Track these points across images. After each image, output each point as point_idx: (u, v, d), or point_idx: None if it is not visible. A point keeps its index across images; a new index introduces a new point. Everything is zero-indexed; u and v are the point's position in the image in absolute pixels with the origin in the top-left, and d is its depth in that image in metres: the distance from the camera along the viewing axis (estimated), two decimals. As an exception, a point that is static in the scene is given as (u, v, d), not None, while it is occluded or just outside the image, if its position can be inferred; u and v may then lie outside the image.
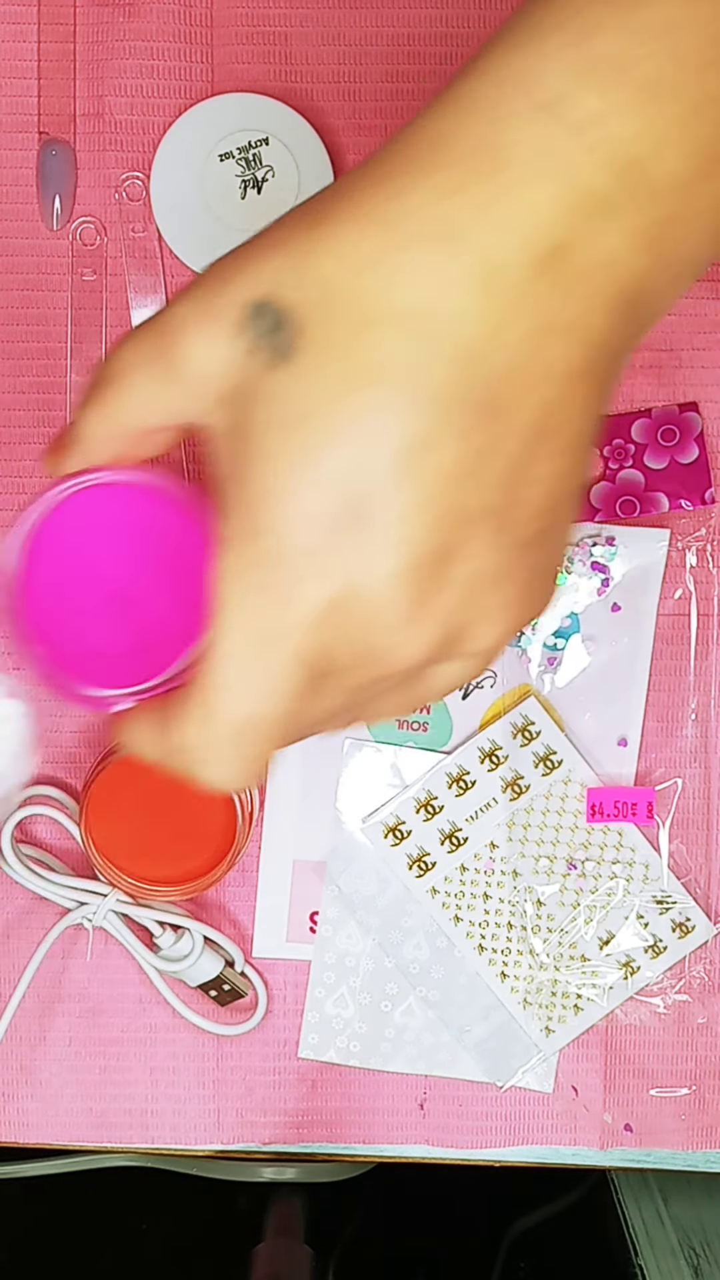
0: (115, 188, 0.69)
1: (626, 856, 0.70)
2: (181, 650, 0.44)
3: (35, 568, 0.44)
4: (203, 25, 0.69)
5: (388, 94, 0.69)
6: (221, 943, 0.69)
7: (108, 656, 0.44)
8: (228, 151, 0.68)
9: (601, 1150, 0.71)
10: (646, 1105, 0.70)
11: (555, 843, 0.70)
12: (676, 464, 0.66)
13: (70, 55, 0.69)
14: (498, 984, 0.70)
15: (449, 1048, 0.70)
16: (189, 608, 0.43)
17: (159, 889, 0.67)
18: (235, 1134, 0.71)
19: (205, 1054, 0.71)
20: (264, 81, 0.69)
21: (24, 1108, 0.71)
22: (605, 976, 0.70)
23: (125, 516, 0.44)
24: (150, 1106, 0.71)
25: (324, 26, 0.69)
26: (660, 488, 0.67)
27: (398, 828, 0.70)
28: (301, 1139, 0.71)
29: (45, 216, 0.69)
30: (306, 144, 0.68)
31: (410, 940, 0.70)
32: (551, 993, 0.70)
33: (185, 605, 0.43)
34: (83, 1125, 0.71)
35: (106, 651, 0.44)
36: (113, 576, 0.44)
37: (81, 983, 0.70)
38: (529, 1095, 0.70)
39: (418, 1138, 0.71)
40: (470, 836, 0.69)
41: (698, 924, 0.70)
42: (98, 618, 0.44)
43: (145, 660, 0.44)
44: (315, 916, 0.70)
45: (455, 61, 0.69)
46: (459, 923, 0.70)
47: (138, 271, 0.69)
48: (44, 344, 0.69)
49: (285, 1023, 0.70)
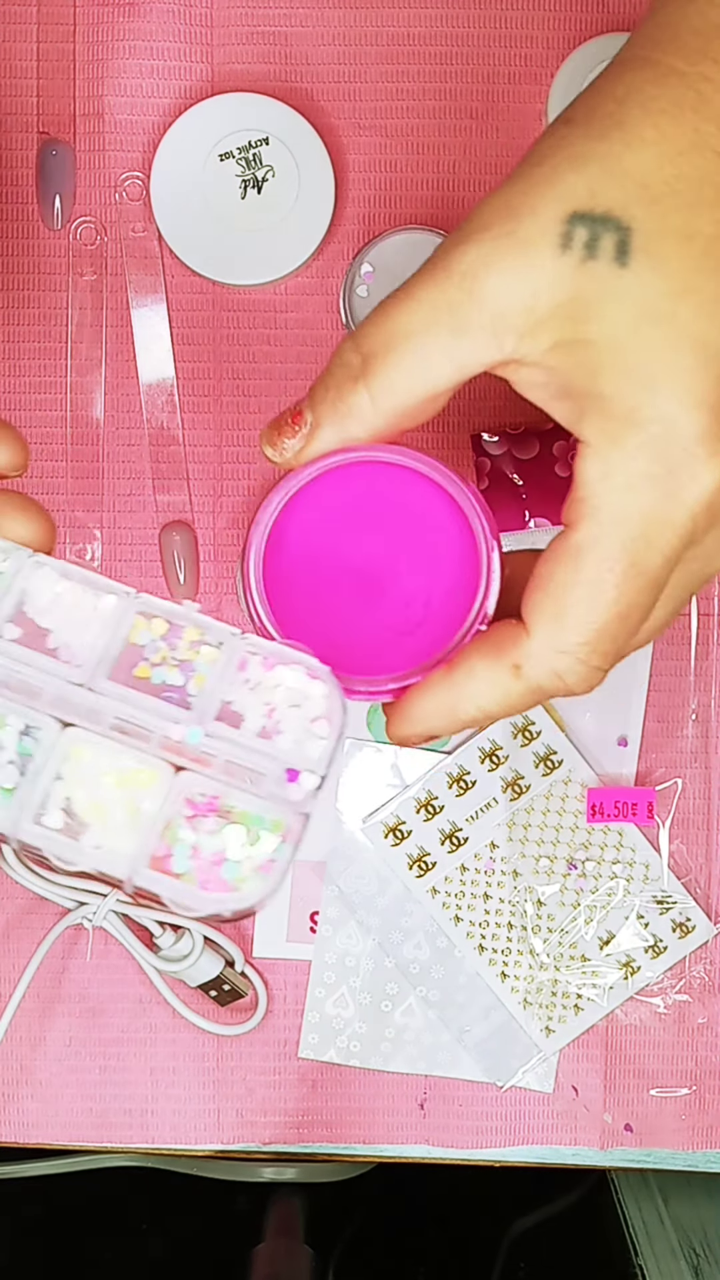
0: (115, 188, 0.69)
1: (627, 856, 0.70)
2: (455, 627, 0.43)
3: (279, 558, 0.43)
4: (203, 25, 0.69)
5: (388, 94, 0.69)
6: (221, 943, 0.69)
7: (366, 643, 0.43)
8: (228, 151, 0.68)
9: (602, 1150, 0.71)
10: (647, 1105, 0.70)
11: (555, 843, 0.70)
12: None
13: (70, 55, 0.69)
14: (498, 984, 0.70)
15: (449, 1048, 0.70)
16: (452, 584, 0.42)
17: (159, 889, 0.67)
18: (235, 1134, 0.71)
19: (205, 1054, 0.71)
20: (264, 81, 0.69)
21: (24, 1108, 0.71)
22: (605, 976, 0.70)
23: (370, 497, 0.43)
24: (150, 1106, 0.71)
25: (324, 26, 0.69)
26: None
27: (398, 828, 0.69)
28: (301, 1139, 0.71)
29: (45, 216, 0.69)
30: (306, 144, 0.68)
31: (410, 940, 0.70)
32: (552, 993, 0.70)
33: (447, 582, 0.43)
34: (83, 1125, 0.71)
35: (364, 638, 0.43)
36: (362, 560, 0.43)
37: (81, 983, 0.70)
38: (529, 1095, 0.70)
39: (418, 1138, 0.71)
40: (470, 836, 0.69)
41: (698, 924, 0.70)
42: (350, 604, 0.43)
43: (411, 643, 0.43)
44: (315, 916, 0.70)
45: (455, 61, 0.69)
46: (459, 923, 0.70)
47: (138, 271, 0.69)
48: (44, 344, 0.69)
49: (285, 1023, 0.70)
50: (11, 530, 0.41)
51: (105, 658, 0.40)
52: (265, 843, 0.39)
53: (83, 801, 0.39)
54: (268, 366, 0.70)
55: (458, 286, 0.39)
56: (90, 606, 0.40)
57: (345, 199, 0.70)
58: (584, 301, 0.38)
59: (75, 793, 0.39)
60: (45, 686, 0.40)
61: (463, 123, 0.70)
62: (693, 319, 0.38)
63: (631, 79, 0.40)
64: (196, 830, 0.39)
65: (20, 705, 0.39)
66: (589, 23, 0.69)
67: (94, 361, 0.69)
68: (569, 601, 0.40)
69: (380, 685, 0.43)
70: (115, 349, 0.69)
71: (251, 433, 0.70)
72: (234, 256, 0.68)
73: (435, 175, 0.70)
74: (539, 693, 0.42)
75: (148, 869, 0.39)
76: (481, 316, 0.39)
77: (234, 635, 0.40)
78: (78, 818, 0.39)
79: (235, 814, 0.39)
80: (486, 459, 0.67)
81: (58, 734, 0.39)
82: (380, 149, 0.70)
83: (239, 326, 0.70)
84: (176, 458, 0.70)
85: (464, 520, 0.43)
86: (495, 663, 0.41)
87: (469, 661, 0.42)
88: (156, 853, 0.39)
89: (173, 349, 0.70)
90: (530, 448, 0.67)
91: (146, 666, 0.40)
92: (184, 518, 0.69)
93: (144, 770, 0.39)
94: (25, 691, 0.40)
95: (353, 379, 0.41)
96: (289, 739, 0.39)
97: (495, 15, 0.69)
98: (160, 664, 0.40)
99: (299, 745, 0.39)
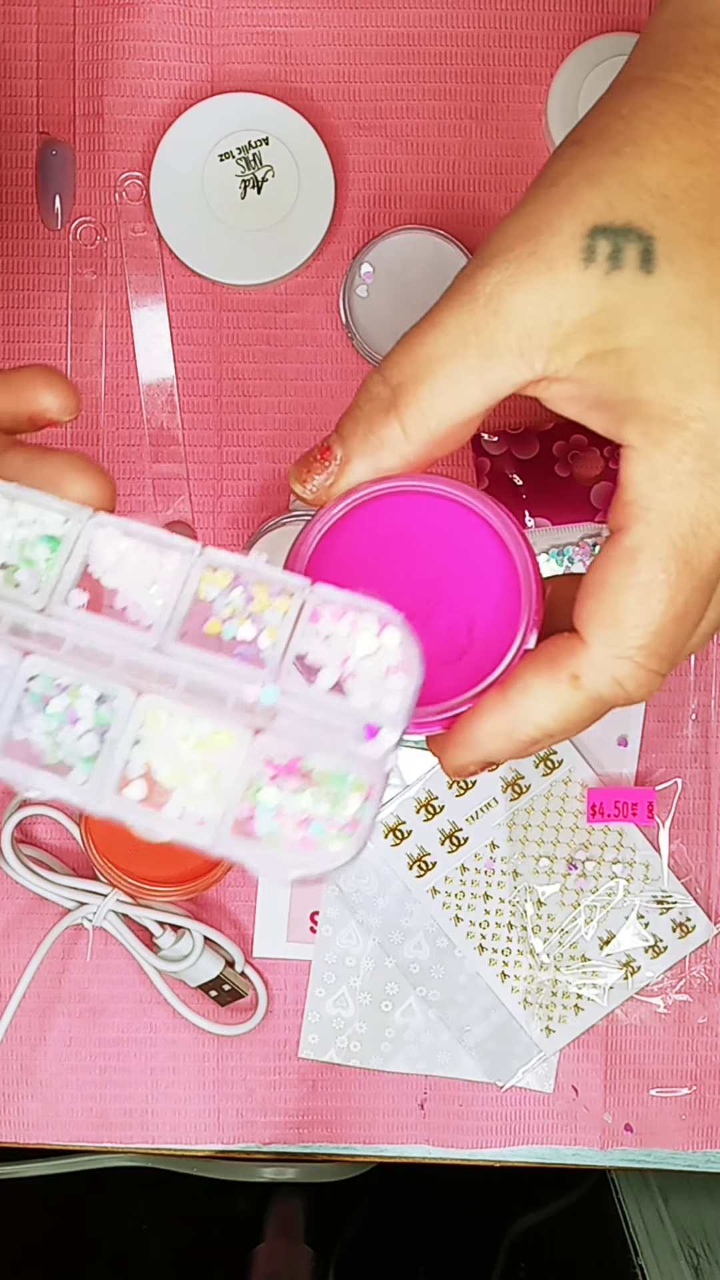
0: (115, 188, 0.69)
1: (627, 856, 0.70)
2: (501, 652, 0.42)
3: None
4: (203, 25, 0.69)
5: (388, 94, 0.69)
6: (222, 943, 0.69)
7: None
8: (228, 151, 0.68)
9: (602, 1150, 0.71)
10: (647, 1105, 0.70)
11: (555, 843, 0.70)
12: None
13: (70, 55, 0.69)
14: (498, 984, 0.70)
15: (449, 1048, 0.70)
16: (495, 609, 0.42)
17: (159, 889, 0.67)
18: (235, 1134, 0.71)
19: (205, 1054, 0.71)
20: (264, 81, 0.69)
21: (24, 1108, 0.71)
22: (605, 976, 0.70)
23: (404, 527, 0.43)
24: (150, 1106, 0.71)
25: (324, 26, 0.69)
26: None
27: (398, 828, 0.69)
28: (302, 1139, 0.71)
29: (45, 216, 0.69)
30: (306, 144, 0.68)
31: (410, 940, 0.70)
32: (552, 993, 0.70)
33: (489, 607, 0.42)
34: (83, 1125, 0.71)
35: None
36: (402, 591, 0.42)
37: (81, 983, 0.70)
38: (529, 1095, 0.70)
39: (418, 1138, 0.71)
40: (470, 836, 0.69)
41: (698, 924, 0.70)
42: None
43: (456, 671, 0.43)
44: (315, 916, 0.70)
45: (455, 61, 0.69)
46: (459, 923, 0.70)
47: (138, 271, 0.69)
48: (44, 344, 0.69)
49: (285, 1023, 0.70)
50: (72, 491, 0.41)
51: (174, 618, 0.39)
52: (349, 802, 0.38)
53: (163, 769, 0.38)
54: (268, 366, 0.70)
55: (483, 309, 0.39)
56: (156, 564, 0.39)
57: (345, 199, 0.70)
58: (613, 311, 0.39)
59: (155, 760, 0.38)
60: (116, 652, 0.39)
61: (463, 123, 0.70)
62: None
63: (636, 97, 0.40)
64: (279, 791, 0.38)
65: (93, 673, 0.39)
66: (589, 23, 0.69)
67: (94, 361, 0.69)
68: (624, 605, 0.40)
69: (430, 716, 0.43)
70: (115, 349, 0.69)
71: (252, 433, 0.70)
72: (234, 256, 0.68)
73: (435, 175, 0.70)
74: (599, 703, 0.41)
75: (231, 835, 0.38)
76: (509, 337, 0.39)
77: (305, 586, 0.39)
78: (159, 786, 0.38)
79: (316, 774, 0.38)
80: (486, 459, 0.67)
81: (133, 701, 0.38)
82: (380, 149, 0.70)
83: (239, 326, 0.70)
84: (176, 458, 0.70)
85: (500, 544, 0.43)
86: (552, 676, 0.41)
87: (524, 679, 0.41)
88: (240, 815, 0.38)
89: (173, 349, 0.70)
90: (530, 448, 0.67)
91: (217, 622, 0.39)
92: (184, 518, 0.69)
93: (222, 733, 0.38)
94: (97, 659, 0.39)
95: (383, 411, 0.41)
96: (365, 694, 0.38)
97: (495, 15, 0.69)
98: (230, 618, 0.39)
99: (375, 699, 0.38)
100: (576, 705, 0.41)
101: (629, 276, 0.38)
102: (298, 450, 0.70)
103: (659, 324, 0.39)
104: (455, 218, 0.69)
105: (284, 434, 0.70)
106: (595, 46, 0.68)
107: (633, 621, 0.40)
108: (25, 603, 0.39)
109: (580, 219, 0.39)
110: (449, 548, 0.43)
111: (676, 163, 0.39)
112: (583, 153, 0.40)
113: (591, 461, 0.66)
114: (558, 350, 0.39)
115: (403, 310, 0.67)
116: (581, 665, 0.41)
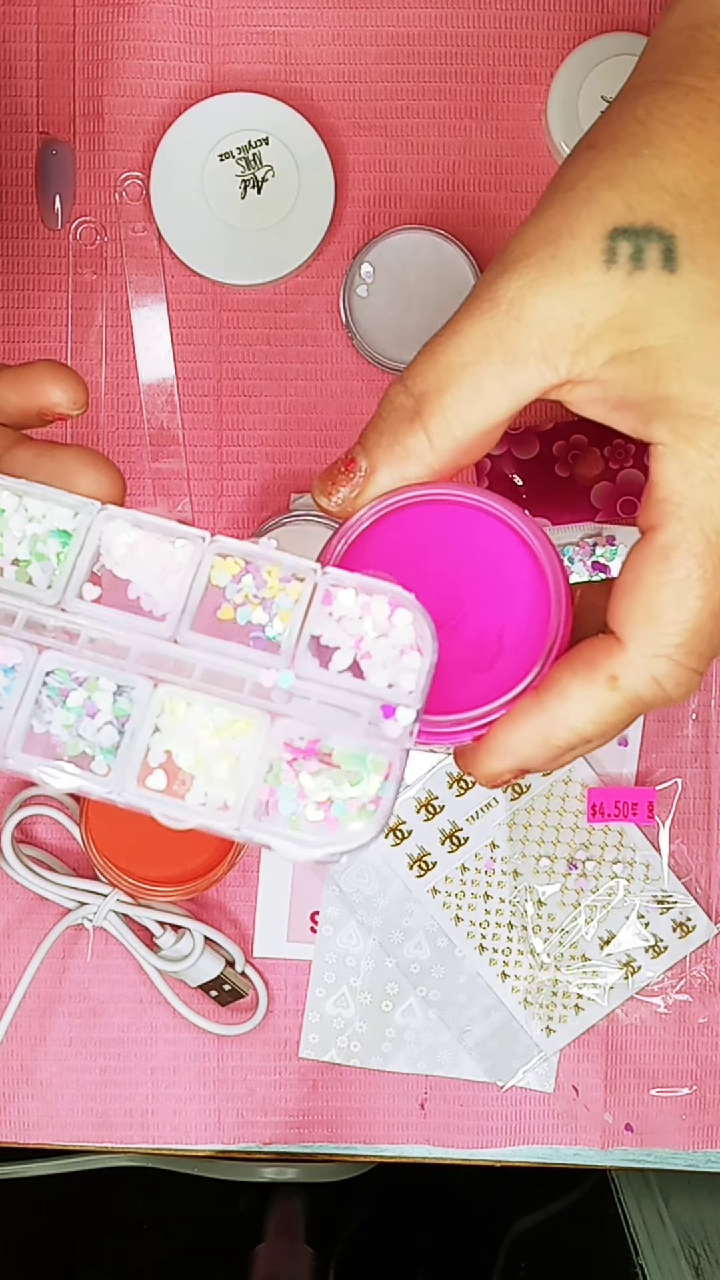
0: (115, 188, 0.69)
1: (627, 856, 0.70)
2: (531, 659, 0.42)
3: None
4: (203, 25, 0.69)
5: (388, 94, 0.69)
6: (222, 943, 0.69)
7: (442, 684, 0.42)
8: (228, 151, 0.68)
9: (602, 1150, 0.71)
10: (647, 1105, 0.70)
11: (556, 842, 0.70)
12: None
13: (70, 55, 0.69)
14: (498, 984, 0.70)
15: (449, 1048, 0.70)
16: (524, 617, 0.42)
17: (159, 889, 0.67)
18: (236, 1134, 0.71)
19: (206, 1054, 0.71)
20: (264, 81, 0.69)
21: (24, 1108, 0.71)
22: (606, 976, 0.70)
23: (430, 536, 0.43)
24: (150, 1106, 0.71)
25: (324, 26, 0.69)
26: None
27: (398, 827, 0.69)
28: (302, 1139, 0.71)
29: (45, 216, 0.69)
30: (306, 144, 0.68)
31: (411, 940, 0.70)
32: (552, 992, 0.70)
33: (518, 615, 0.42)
34: (83, 1125, 0.71)
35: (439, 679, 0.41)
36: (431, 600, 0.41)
37: (82, 983, 0.70)
38: (530, 1095, 0.70)
39: (418, 1138, 0.71)
40: (471, 836, 0.69)
41: (698, 924, 0.70)
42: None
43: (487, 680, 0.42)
44: (316, 916, 0.70)
45: (455, 61, 0.69)
46: (460, 922, 0.70)
47: (138, 271, 0.69)
48: (44, 344, 0.69)
49: (286, 1023, 0.70)
50: (83, 485, 0.42)
51: (188, 607, 0.39)
52: (369, 782, 0.38)
53: (183, 757, 0.38)
54: (268, 366, 0.70)
55: (505, 314, 0.40)
56: (167, 554, 0.40)
57: (345, 199, 0.70)
58: (637, 311, 0.39)
59: (175, 749, 0.39)
60: (133, 644, 0.39)
61: (463, 123, 0.70)
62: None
63: (650, 100, 0.41)
64: (299, 774, 0.38)
65: (110, 666, 0.39)
66: (589, 23, 0.69)
67: (94, 361, 0.69)
68: (661, 602, 0.40)
69: (463, 725, 0.42)
70: (115, 349, 0.69)
71: (252, 433, 0.70)
72: (234, 256, 0.68)
73: (435, 175, 0.70)
74: (637, 704, 0.41)
75: (254, 819, 0.38)
76: (532, 342, 0.39)
77: (314, 569, 0.39)
78: (181, 774, 0.38)
79: (336, 755, 0.38)
80: (486, 459, 0.67)
81: (150, 692, 0.39)
82: (380, 149, 0.70)
83: (239, 326, 0.70)
84: (176, 457, 0.70)
85: (527, 551, 0.43)
86: (589, 678, 0.41)
87: (560, 682, 0.41)
88: (261, 798, 0.38)
89: (173, 349, 0.70)
90: (530, 448, 0.67)
91: (230, 608, 0.39)
92: (184, 518, 0.69)
93: (239, 719, 0.39)
94: (112, 651, 0.39)
95: (407, 421, 0.41)
96: (381, 675, 0.39)
97: (495, 15, 0.69)
98: (243, 604, 0.39)
99: (391, 679, 0.39)
100: (614, 707, 0.41)
101: (652, 276, 0.39)
102: (298, 450, 0.70)
103: (684, 322, 0.39)
104: (455, 218, 0.69)
105: (284, 434, 0.70)
106: (595, 46, 0.68)
107: (670, 619, 0.40)
108: (39, 598, 0.39)
109: (600, 221, 0.39)
110: (476, 555, 0.43)
111: (695, 162, 0.39)
112: (599, 156, 0.40)
113: (591, 461, 0.66)
114: (582, 353, 0.39)
115: (403, 310, 0.67)
116: (619, 666, 0.40)
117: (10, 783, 0.70)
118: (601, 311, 0.39)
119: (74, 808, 0.69)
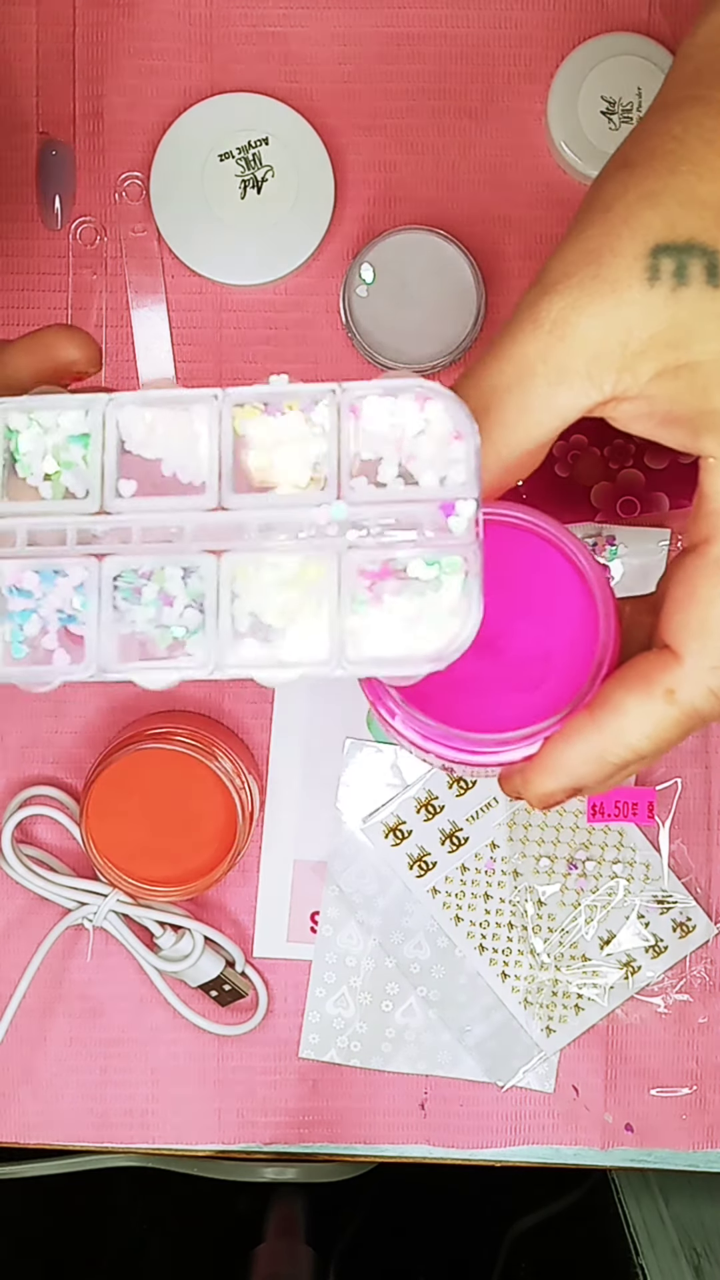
0: (115, 188, 0.69)
1: (627, 856, 0.70)
2: (580, 679, 0.42)
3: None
4: (203, 25, 0.69)
5: (388, 94, 0.69)
6: (222, 943, 0.69)
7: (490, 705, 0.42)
8: (228, 151, 0.68)
9: (602, 1150, 0.71)
10: (647, 1105, 0.70)
11: (556, 842, 0.70)
12: (677, 464, 0.66)
13: (70, 55, 0.69)
14: (498, 984, 0.70)
15: (450, 1048, 0.70)
16: (571, 636, 0.42)
17: (159, 889, 0.67)
18: (236, 1134, 0.71)
19: (206, 1054, 0.71)
20: (264, 81, 0.69)
21: (24, 1108, 0.71)
22: (606, 976, 0.70)
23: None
24: (150, 1106, 0.71)
25: (324, 26, 0.69)
26: (660, 488, 0.67)
27: (398, 827, 0.69)
28: (302, 1139, 0.71)
29: (45, 216, 0.69)
30: (306, 144, 0.68)
31: (411, 940, 0.70)
32: (552, 992, 0.70)
33: (565, 634, 0.42)
34: (83, 1125, 0.71)
35: (488, 701, 0.42)
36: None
37: (82, 983, 0.70)
38: (530, 1095, 0.70)
39: (418, 1138, 0.71)
40: (471, 836, 0.69)
41: (698, 924, 0.70)
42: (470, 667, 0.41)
43: (535, 700, 0.42)
44: (316, 916, 0.70)
45: (455, 61, 0.69)
46: (460, 923, 0.70)
47: (138, 271, 0.69)
48: (44, 344, 0.69)
49: (286, 1023, 0.70)
50: (65, 352, 0.45)
51: (225, 470, 0.39)
52: (450, 585, 0.38)
53: (269, 615, 0.38)
54: (268, 366, 0.70)
55: (549, 335, 0.40)
56: (185, 421, 0.39)
57: (345, 199, 0.70)
58: (682, 327, 0.39)
59: (258, 610, 0.38)
60: (184, 523, 0.39)
61: (462, 123, 0.70)
62: None
63: (685, 116, 0.41)
64: (381, 597, 0.38)
65: (171, 552, 0.39)
66: (589, 23, 0.69)
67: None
68: (717, 615, 0.40)
69: (512, 744, 0.42)
70: (115, 349, 0.69)
71: (251, 433, 0.70)
72: (234, 256, 0.68)
73: (435, 175, 0.70)
74: (694, 718, 0.41)
75: (350, 656, 0.38)
76: (576, 361, 0.40)
77: (333, 389, 0.39)
78: (270, 631, 0.38)
79: (411, 569, 0.38)
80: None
81: (215, 565, 0.38)
82: (380, 149, 0.70)
83: (239, 326, 0.70)
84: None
85: (573, 568, 0.42)
86: (645, 694, 0.41)
87: (614, 698, 0.41)
88: (354, 630, 0.38)
89: (173, 349, 0.70)
90: (530, 447, 0.67)
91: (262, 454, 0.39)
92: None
93: (309, 565, 0.38)
94: (166, 536, 0.39)
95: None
96: (430, 473, 0.38)
97: (495, 15, 0.69)
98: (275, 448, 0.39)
99: (442, 473, 0.38)
100: (671, 722, 0.41)
101: (696, 292, 0.39)
102: (298, 450, 0.70)
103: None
104: (455, 218, 0.69)
105: (284, 434, 0.70)
106: (595, 46, 0.68)
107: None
108: (83, 509, 0.39)
109: (641, 239, 0.39)
110: (521, 577, 0.43)
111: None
112: (634, 175, 0.40)
113: (591, 461, 0.66)
114: (627, 370, 0.39)
115: (403, 310, 0.67)
116: (676, 679, 0.40)
117: (10, 782, 0.70)
118: (646, 328, 0.39)
119: (74, 807, 0.69)
